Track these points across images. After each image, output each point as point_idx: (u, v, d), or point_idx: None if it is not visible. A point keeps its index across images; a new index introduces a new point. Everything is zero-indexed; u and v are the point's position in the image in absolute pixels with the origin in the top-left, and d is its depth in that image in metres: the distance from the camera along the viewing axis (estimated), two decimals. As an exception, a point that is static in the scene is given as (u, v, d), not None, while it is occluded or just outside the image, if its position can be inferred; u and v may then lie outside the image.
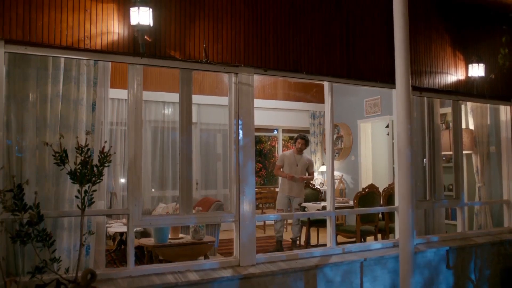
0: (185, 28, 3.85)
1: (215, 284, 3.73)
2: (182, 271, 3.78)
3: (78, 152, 3.06)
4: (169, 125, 8.66)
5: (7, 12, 3.23)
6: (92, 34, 3.50)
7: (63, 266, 3.39)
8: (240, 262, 4.00)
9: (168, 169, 8.50)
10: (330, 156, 4.67)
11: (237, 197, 4.03)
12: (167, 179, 8.50)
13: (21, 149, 3.55)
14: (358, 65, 4.72)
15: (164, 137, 8.59)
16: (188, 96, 3.94)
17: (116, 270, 3.69)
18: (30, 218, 2.86)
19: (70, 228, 3.68)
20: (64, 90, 3.70)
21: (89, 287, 2.79)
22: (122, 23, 3.59)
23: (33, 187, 3.37)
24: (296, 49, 4.36)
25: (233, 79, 4.10)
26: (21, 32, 3.28)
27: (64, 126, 3.67)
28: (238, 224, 4.03)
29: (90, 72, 3.83)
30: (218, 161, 9.46)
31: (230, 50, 4.02)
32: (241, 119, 4.07)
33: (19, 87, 3.58)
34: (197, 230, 4.49)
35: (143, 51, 3.59)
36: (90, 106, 3.81)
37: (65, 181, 3.63)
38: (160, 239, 4.37)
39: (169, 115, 8.66)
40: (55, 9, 3.39)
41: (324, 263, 4.26)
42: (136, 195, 3.65)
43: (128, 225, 3.65)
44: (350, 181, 9.75)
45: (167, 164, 8.52)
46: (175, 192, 8.41)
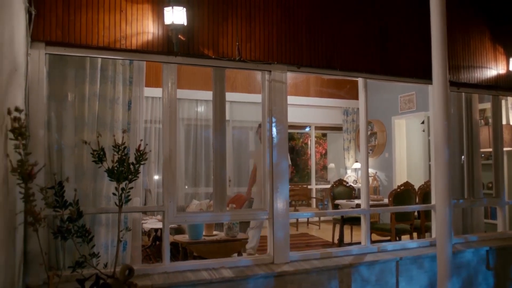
0: (218, 27, 3.87)
1: (249, 281, 3.74)
2: (216, 268, 3.81)
3: (115, 150, 3.11)
4: (201, 122, 8.74)
5: (47, 14, 3.33)
6: (127, 34, 3.57)
7: (101, 261, 3.47)
8: (274, 260, 4.00)
9: (201, 166, 8.58)
10: (364, 153, 4.60)
11: (271, 195, 4.03)
12: (200, 176, 8.58)
13: (61, 147, 3.66)
14: (393, 60, 4.63)
15: (197, 135, 8.67)
16: (222, 94, 3.96)
17: (152, 266, 3.76)
18: (71, 215, 2.94)
19: (108, 224, 3.76)
20: (101, 90, 3.79)
21: (127, 282, 2.85)
22: (156, 23, 3.65)
23: (72, 184, 3.46)
24: (329, 45, 4.32)
25: (266, 76, 4.10)
26: (60, 34, 3.37)
27: (101, 125, 3.75)
28: (272, 221, 4.03)
29: (126, 71, 3.90)
30: (250, 158, 9.49)
31: (263, 48, 4.02)
32: (274, 116, 4.06)
33: (58, 87, 3.68)
34: (231, 227, 4.52)
35: (177, 50, 3.63)
36: (126, 105, 3.88)
37: (102, 179, 3.71)
38: (195, 236, 4.42)
39: (201, 113, 8.74)
40: (92, 10, 3.47)
41: (359, 261, 4.21)
42: (171, 192, 3.70)
43: (163, 221, 3.70)
44: (384, 178, 9.59)
45: (200, 161, 8.60)
46: (208, 189, 8.49)
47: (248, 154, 9.48)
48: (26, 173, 2.57)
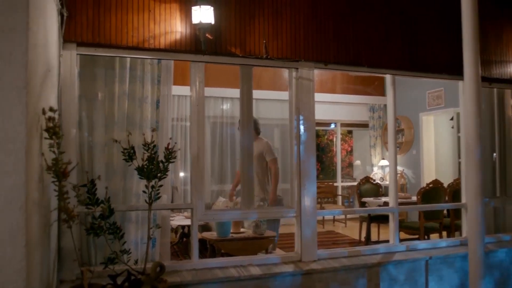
0: (245, 25, 3.87)
1: (277, 279, 3.75)
2: (244, 265, 3.83)
3: (145, 149, 3.16)
4: (227, 120, 8.78)
5: (79, 16, 3.39)
6: (156, 34, 3.61)
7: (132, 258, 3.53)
8: (302, 258, 4.00)
9: (227, 164, 8.63)
10: (392, 150, 4.55)
11: (298, 193, 4.02)
12: (226, 174, 8.63)
13: (92, 146, 3.73)
14: (422, 56, 4.55)
15: (222, 132, 8.72)
16: (249, 92, 3.96)
17: (181, 262, 3.81)
18: (102, 212, 3.00)
19: (137, 222, 3.82)
20: (130, 89, 3.84)
21: (158, 279, 2.89)
22: (184, 22, 3.68)
23: (103, 182, 3.52)
24: (356, 42, 4.28)
25: (293, 74, 4.09)
26: (91, 35, 3.44)
27: (130, 124, 3.81)
28: (299, 219, 4.02)
29: (154, 70, 3.94)
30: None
31: (290, 45, 4.01)
32: (301, 114, 4.05)
33: (88, 87, 3.75)
34: (258, 224, 4.53)
35: (204, 49, 3.66)
36: (155, 104, 3.93)
37: (132, 177, 3.77)
38: (222, 233, 4.46)
39: (227, 111, 8.78)
40: (121, 11, 3.52)
41: (387, 260, 4.16)
42: (200, 190, 3.73)
43: (192, 219, 3.74)
44: (411, 176, 9.45)
45: (226, 158, 8.64)
46: (234, 187, 8.53)
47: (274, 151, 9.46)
48: (60, 171, 2.63)
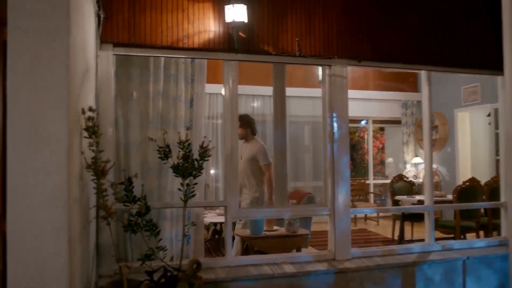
0: (278, 23, 3.87)
1: (310, 277, 3.74)
2: (278, 262, 3.84)
3: (180, 147, 3.20)
4: (258, 118, 8.77)
5: (115, 17, 3.46)
6: (189, 33, 3.65)
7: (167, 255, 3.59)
8: (335, 256, 3.97)
9: (259, 161, 8.63)
10: (428, 148, 4.46)
11: (332, 191, 3.99)
12: (258, 171, 8.63)
13: (127, 145, 3.81)
14: (458, 51, 4.43)
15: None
16: (282, 90, 3.97)
17: (215, 259, 3.85)
18: (139, 209, 3.05)
19: (172, 219, 3.88)
20: (164, 88, 3.90)
21: (194, 276, 2.93)
22: (217, 21, 3.70)
23: (139, 180, 3.60)
24: (391, 38, 4.20)
25: (327, 71, 4.06)
26: (126, 35, 3.50)
27: (164, 122, 3.87)
28: (333, 217, 3.99)
29: (188, 69, 3.99)
30: (306, 153, 9.45)
31: (323, 43, 3.98)
32: (335, 111, 4.02)
33: (124, 87, 3.83)
34: (291, 222, 4.52)
35: (238, 47, 3.67)
36: (188, 102, 3.98)
37: (167, 174, 3.83)
38: (256, 231, 4.47)
39: (258, 108, 8.79)
40: (156, 11, 3.57)
41: (423, 260, 4.09)
42: (233, 188, 3.75)
43: (226, 216, 3.77)
44: (445, 173, 9.24)
45: (257, 156, 8.65)
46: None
47: (304, 149, 9.44)
48: (99, 169, 2.69)
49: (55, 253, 2.18)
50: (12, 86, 2.16)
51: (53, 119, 2.20)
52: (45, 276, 2.17)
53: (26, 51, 2.19)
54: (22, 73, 2.18)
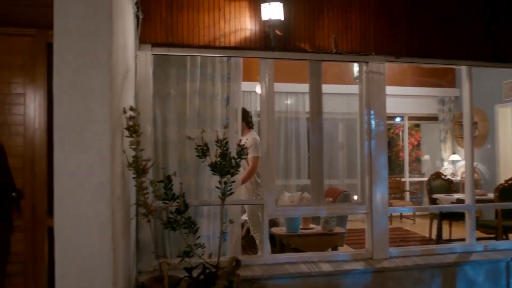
0: (314, 20, 3.84)
1: (347, 276, 3.71)
2: (315, 261, 3.82)
3: (217, 145, 3.22)
4: (291, 115, 8.76)
5: (153, 17, 3.52)
6: (226, 32, 3.66)
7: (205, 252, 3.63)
8: (373, 255, 3.92)
9: (292, 158, 8.63)
10: (469, 145, 4.34)
11: (370, 189, 3.94)
12: (291, 168, 8.63)
13: (165, 143, 3.87)
14: (501, 45, 4.27)
15: (287, 127, 8.72)
16: (318, 88, 3.94)
17: (252, 257, 3.87)
18: (178, 207, 3.10)
19: (209, 216, 3.92)
20: (201, 87, 3.94)
21: (233, 273, 2.95)
22: (253, 19, 3.70)
23: (177, 178, 3.64)
24: (429, 33, 4.10)
25: (364, 68, 4.00)
26: (164, 35, 3.55)
27: (201, 121, 3.91)
28: (370, 216, 3.94)
29: (224, 68, 4.02)
30: (340, 150, 9.36)
31: (360, 39, 3.92)
32: (372, 108, 3.96)
33: (161, 86, 3.89)
34: (328, 221, 4.50)
35: (274, 45, 3.66)
36: (225, 101, 4.01)
37: (204, 172, 3.87)
38: (292, 229, 4.47)
39: (291, 105, 8.76)
40: (193, 11, 3.61)
41: (464, 260, 3.98)
42: (270, 186, 3.76)
43: (263, 214, 3.78)
44: (485, 171, 8.96)
45: (291, 153, 8.65)
46: (299, 181, 8.53)
47: (338, 146, 9.36)
48: (140, 168, 2.75)
49: (100, 249, 2.24)
50: (58, 87, 2.22)
51: (97, 119, 2.25)
52: (91, 272, 2.23)
53: (71, 53, 2.25)
54: (68, 75, 2.24)
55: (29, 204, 3.48)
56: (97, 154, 2.25)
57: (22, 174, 3.50)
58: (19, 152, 3.50)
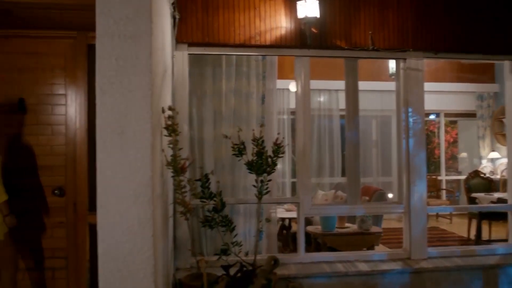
0: (350, 17, 3.79)
1: (385, 276, 3.66)
2: (351, 260, 3.78)
3: (254, 144, 3.23)
4: (324, 112, 8.69)
5: (189, 17, 3.56)
6: (261, 31, 3.66)
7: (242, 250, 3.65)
8: (411, 255, 3.85)
9: (325, 156, 8.57)
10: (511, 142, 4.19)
11: (407, 188, 3.87)
12: (324, 166, 8.57)
13: (201, 141, 3.91)
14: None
15: (320, 125, 8.66)
16: (354, 85, 3.89)
17: (288, 255, 3.87)
18: (215, 205, 3.12)
19: (245, 214, 3.94)
20: (236, 85, 3.96)
21: (271, 272, 2.95)
22: (288, 17, 3.69)
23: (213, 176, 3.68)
24: (470, 27, 3.97)
25: (401, 64, 3.93)
26: (200, 35, 3.59)
27: (237, 119, 3.93)
28: (408, 215, 3.87)
29: (259, 66, 4.02)
30: (374, 148, 9.24)
31: (397, 35, 3.85)
32: (410, 106, 3.88)
33: (197, 85, 3.93)
34: (364, 220, 4.45)
35: (310, 43, 3.64)
36: (260, 99, 4.02)
37: (239, 171, 3.89)
38: (328, 228, 4.44)
39: (324, 103, 8.69)
40: (228, 11, 3.62)
41: (508, 262, 3.86)
42: (306, 184, 3.74)
43: (298, 213, 3.77)
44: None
45: (324, 151, 8.59)
46: (332, 179, 8.46)
47: (372, 144, 9.23)
48: (178, 166, 2.78)
49: (142, 246, 2.28)
50: (100, 88, 2.26)
51: (137, 119, 2.29)
52: (133, 268, 2.28)
53: (112, 54, 2.29)
54: (109, 76, 2.28)
55: (71, 201, 3.59)
56: (138, 153, 2.29)
57: (64, 172, 3.60)
58: (61, 151, 3.61)
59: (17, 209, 3.26)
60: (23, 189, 3.50)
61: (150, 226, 2.31)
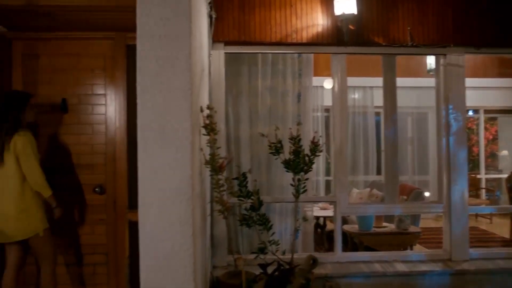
0: (388, 12, 3.72)
1: (424, 277, 3.58)
2: (389, 260, 3.72)
3: (291, 142, 3.21)
4: (358, 109, 8.57)
5: (226, 16, 3.57)
6: (297, 28, 3.64)
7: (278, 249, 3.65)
8: (451, 256, 3.75)
9: (359, 154, 8.46)
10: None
11: (448, 187, 3.77)
12: (358, 164, 8.46)
13: (237, 140, 3.92)
14: None
15: (355, 122, 8.54)
16: (392, 82, 3.83)
17: (325, 255, 3.84)
18: (253, 204, 3.12)
19: (281, 213, 3.94)
20: (272, 84, 3.95)
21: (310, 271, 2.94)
22: (325, 15, 3.65)
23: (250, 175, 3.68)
24: (514, 21, 3.84)
25: (441, 60, 3.82)
26: (237, 34, 3.59)
27: (273, 118, 3.93)
28: (448, 215, 3.77)
29: (295, 64, 4.01)
30: (409, 145, 9.06)
31: (437, 30, 3.75)
32: (450, 103, 3.77)
33: (233, 83, 3.94)
34: (402, 219, 4.36)
35: (347, 40, 3.59)
36: (296, 97, 4.00)
37: (276, 169, 3.89)
38: (365, 227, 4.38)
39: (358, 100, 8.57)
40: (265, 9, 3.62)
41: (556, 265, 3.71)
42: (343, 183, 3.70)
43: (335, 212, 3.73)
44: None
45: (358, 149, 8.48)
46: (367, 177, 8.35)
47: (407, 141, 9.05)
48: (217, 165, 2.80)
49: (182, 244, 2.30)
50: (141, 88, 2.29)
51: (178, 118, 2.31)
52: (173, 266, 2.30)
53: (153, 55, 2.32)
54: (149, 76, 2.31)
55: (110, 199, 3.67)
56: (178, 152, 2.31)
57: (104, 171, 3.69)
58: (101, 149, 3.70)
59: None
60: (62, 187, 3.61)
61: (190, 225, 2.33)
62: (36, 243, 3.25)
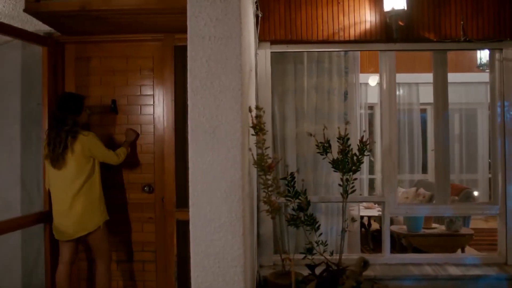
0: (439, 7, 3.59)
1: (478, 281, 3.45)
2: (440, 263, 3.61)
3: (339, 142, 3.16)
4: (404, 107, 8.35)
5: (272, 15, 3.56)
6: (345, 26, 3.58)
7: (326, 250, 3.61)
8: (507, 260, 3.60)
9: (405, 152, 8.24)
10: None
11: (503, 188, 3.61)
12: (404, 163, 8.25)
13: (283, 139, 3.90)
14: None
15: (400, 119, 8.34)
16: (443, 79, 3.70)
17: (372, 256, 3.76)
18: (300, 204, 3.10)
19: (326, 213, 3.89)
20: (318, 82, 3.91)
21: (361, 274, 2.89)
22: (373, 11, 3.57)
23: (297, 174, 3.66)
24: None
25: (496, 55, 3.66)
26: (283, 32, 3.57)
27: (319, 116, 3.88)
28: (504, 217, 3.62)
29: (341, 62, 3.94)
30: (456, 143, 8.75)
31: (492, 24, 3.59)
32: (506, 100, 3.61)
33: (279, 82, 3.92)
34: (453, 220, 4.22)
35: (396, 37, 3.50)
36: (342, 95, 3.94)
37: (322, 169, 3.84)
38: (414, 228, 4.27)
39: (404, 97, 8.36)
40: (311, 7, 3.58)
41: None
42: (392, 183, 3.62)
43: (383, 212, 3.65)
44: None
45: (403, 147, 8.26)
46: (412, 176, 8.13)
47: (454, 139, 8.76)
48: (266, 165, 2.79)
49: (233, 244, 2.31)
50: (192, 89, 2.31)
51: (228, 119, 2.32)
52: (224, 265, 2.32)
53: (203, 56, 2.34)
54: (201, 77, 2.32)
55: (159, 198, 3.73)
56: (229, 153, 2.32)
57: (153, 170, 3.75)
58: (150, 149, 3.76)
59: (108, 203, 3.45)
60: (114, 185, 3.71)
61: (241, 224, 2.34)
62: (95, 238, 3.35)
